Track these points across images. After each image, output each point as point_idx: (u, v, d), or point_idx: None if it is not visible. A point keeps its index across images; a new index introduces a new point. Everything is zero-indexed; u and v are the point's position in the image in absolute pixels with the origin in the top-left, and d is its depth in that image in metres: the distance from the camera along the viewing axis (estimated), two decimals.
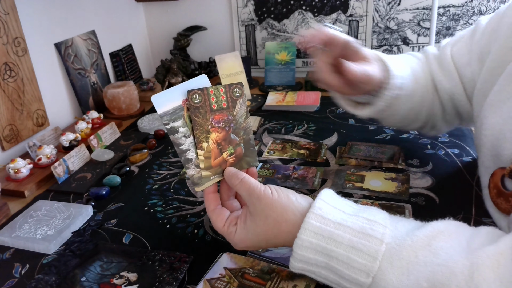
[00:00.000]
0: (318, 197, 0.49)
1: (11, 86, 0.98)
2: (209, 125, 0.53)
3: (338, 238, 0.45)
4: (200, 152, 0.52)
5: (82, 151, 0.95)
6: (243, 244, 0.53)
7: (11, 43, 0.98)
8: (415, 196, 0.74)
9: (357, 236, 0.45)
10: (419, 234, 0.44)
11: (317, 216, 0.47)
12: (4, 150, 0.98)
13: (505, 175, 0.57)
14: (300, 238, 0.47)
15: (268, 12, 1.45)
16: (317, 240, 0.46)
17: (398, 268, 0.42)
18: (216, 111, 0.54)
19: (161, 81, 1.29)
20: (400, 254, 0.43)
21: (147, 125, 1.12)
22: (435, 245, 0.43)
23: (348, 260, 0.44)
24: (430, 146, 0.90)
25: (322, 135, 1.00)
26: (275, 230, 0.50)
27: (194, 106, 0.52)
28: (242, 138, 0.56)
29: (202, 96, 0.53)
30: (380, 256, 0.43)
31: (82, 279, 0.61)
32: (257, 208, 0.50)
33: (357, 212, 0.48)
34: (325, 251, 0.46)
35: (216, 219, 0.54)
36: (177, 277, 0.59)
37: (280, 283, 0.56)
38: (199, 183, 0.52)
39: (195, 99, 0.52)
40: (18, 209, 0.81)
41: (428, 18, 1.32)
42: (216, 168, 0.54)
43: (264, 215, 0.50)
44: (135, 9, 1.54)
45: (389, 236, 0.45)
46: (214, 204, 0.55)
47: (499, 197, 0.59)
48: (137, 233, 0.71)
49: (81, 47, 1.24)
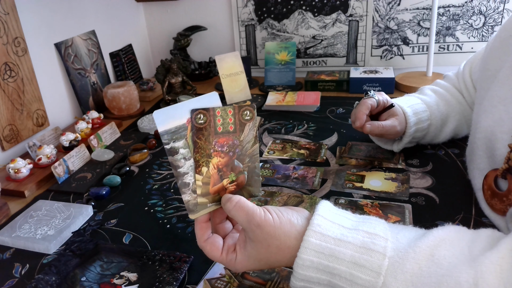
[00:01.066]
0: (315, 213, 0.48)
1: (11, 86, 0.98)
2: (211, 149, 0.49)
3: (339, 255, 0.44)
4: (198, 177, 0.48)
5: (82, 151, 0.95)
6: (245, 268, 0.50)
7: (11, 43, 0.98)
8: (415, 196, 0.74)
9: (359, 252, 0.44)
10: (421, 245, 0.44)
11: (316, 233, 0.46)
12: (4, 150, 0.98)
13: (498, 175, 0.58)
14: (301, 257, 0.45)
15: (268, 12, 1.45)
16: (318, 259, 0.45)
17: (403, 282, 0.42)
18: (221, 134, 0.49)
19: (161, 81, 1.29)
20: (404, 267, 0.42)
21: (147, 125, 1.12)
22: (437, 254, 0.43)
23: (351, 277, 0.44)
24: (430, 146, 0.90)
25: (322, 135, 1.00)
26: (278, 256, 0.48)
27: (197, 127, 0.48)
28: (246, 166, 0.51)
29: (207, 116, 0.48)
30: (384, 271, 0.43)
31: (82, 279, 0.61)
32: (258, 236, 0.47)
33: (357, 226, 0.47)
34: (327, 269, 0.45)
35: (211, 249, 0.50)
36: (177, 277, 0.59)
37: (280, 283, 0.56)
38: (194, 210, 0.49)
39: (199, 120, 0.48)
40: (18, 209, 0.81)
41: (428, 18, 1.32)
42: (214, 196, 0.50)
43: (267, 243, 0.47)
44: (135, 9, 1.54)
45: (391, 249, 0.44)
46: (207, 234, 0.51)
47: (494, 198, 0.60)
48: (137, 233, 0.71)
49: (81, 47, 1.24)
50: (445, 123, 0.85)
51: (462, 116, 0.86)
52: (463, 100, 0.87)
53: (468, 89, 0.86)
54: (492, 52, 0.68)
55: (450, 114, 0.85)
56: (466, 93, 0.87)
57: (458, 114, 0.86)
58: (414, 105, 0.83)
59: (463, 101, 0.87)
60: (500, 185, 0.59)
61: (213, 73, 1.51)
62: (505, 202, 0.57)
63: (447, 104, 0.86)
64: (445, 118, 0.85)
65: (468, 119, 0.86)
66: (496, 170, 0.59)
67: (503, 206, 0.58)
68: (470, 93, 0.86)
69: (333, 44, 1.44)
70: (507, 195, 0.57)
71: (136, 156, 0.94)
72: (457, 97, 0.87)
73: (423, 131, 0.83)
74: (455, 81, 0.91)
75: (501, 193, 0.58)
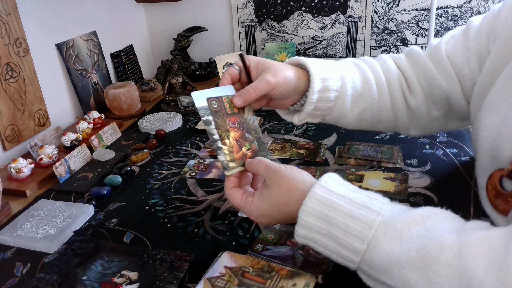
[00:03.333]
0: (325, 174, 0.54)
1: (13, 86, 0.99)
2: (227, 126, 0.62)
3: (339, 207, 0.49)
4: (224, 147, 0.61)
5: (83, 151, 0.96)
6: (258, 212, 0.56)
7: (13, 43, 0.99)
8: (413, 195, 0.75)
9: (356, 207, 0.49)
10: (415, 212, 0.48)
11: (322, 187, 0.52)
12: (6, 150, 0.98)
13: (504, 175, 0.57)
14: (305, 204, 0.51)
15: (268, 13, 1.46)
16: (320, 207, 0.50)
17: (391, 238, 0.46)
18: (231, 115, 0.63)
19: (162, 81, 1.29)
20: (394, 225, 0.46)
21: (148, 125, 1.12)
22: (428, 223, 0.46)
23: (347, 227, 0.48)
24: (428, 146, 0.91)
25: (321, 135, 1.01)
26: (287, 197, 0.54)
27: (214, 110, 0.61)
28: (254, 137, 0.65)
29: (218, 102, 0.62)
30: (376, 225, 0.47)
31: (83, 278, 0.61)
32: (273, 179, 0.56)
33: (360, 190, 0.53)
34: (326, 218, 0.50)
35: (234, 194, 0.58)
36: (177, 275, 0.59)
37: (280, 282, 0.57)
38: (227, 168, 0.60)
39: (213, 105, 0.62)
40: (20, 208, 0.81)
41: (426, 19, 1.32)
42: (239, 161, 0.62)
43: (278, 184, 0.55)
44: (136, 10, 1.55)
45: (386, 210, 0.48)
46: (232, 184, 0.60)
47: (498, 198, 0.58)
48: (138, 232, 0.71)
49: (82, 47, 1.25)
50: (356, 103, 0.71)
51: (379, 106, 0.72)
52: (397, 87, 0.72)
53: (445, 72, 0.70)
54: (496, 42, 0.62)
55: (363, 95, 0.71)
56: (438, 75, 0.70)
57: (372, 98, 0.71)
58: (325, 70, 0.68)
59: (395, 89, 0.72)
60: (505, 186, 0.57)
61: (213, 74, 1.51)
62: (510, 202, 0.56)
63: (365, 83, 0.71)
64: (358, 98, 0.71)
65: (384, 112, 0.73)
66: (502, 170, 0.57)
67: (507, 206, 0.57)
68: (447, 77, 0.70)
69: (332, 44, 1.45)
70: None
71: (137, 156, 0.95)
72: (390, 83, 0.72)
73: (328, 102, 0.69)
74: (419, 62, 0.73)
75: (506, 193, 0.56)
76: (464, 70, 0.69)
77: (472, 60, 0.67)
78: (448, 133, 0.95)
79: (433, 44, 0.73)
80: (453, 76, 0.69)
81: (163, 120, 1.15)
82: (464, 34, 0.69)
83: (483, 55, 0.65)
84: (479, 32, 0.67)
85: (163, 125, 1.11)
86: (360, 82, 0.71)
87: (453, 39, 0.71)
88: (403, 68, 0.73)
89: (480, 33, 0.66)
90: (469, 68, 0.68)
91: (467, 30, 0.69)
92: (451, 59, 0.70)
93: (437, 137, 0.94)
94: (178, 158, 0.96)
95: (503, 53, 0.60)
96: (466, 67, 0.68)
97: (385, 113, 0.73)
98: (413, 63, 0.73)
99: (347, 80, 0.69)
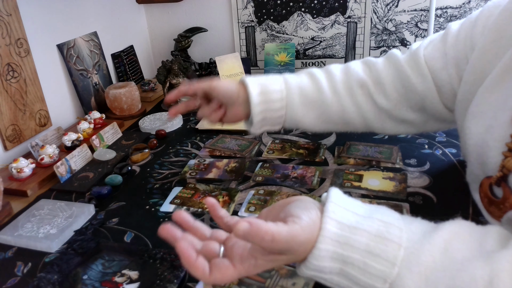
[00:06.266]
0: (329, 200, 0.47)
1: (14, 86, 0.99)
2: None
3: (354, 243, 0.43)
4: None
5: (84, 151, 0.96)
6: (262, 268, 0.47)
7: (14, 44, 0.99)
8: (412, 195, 0.75)
9: (374, 241, 0.43)
10: (436, 237, 0.43)
11: (332, 220, 0.44)
12: (7, 150, 0.99)
13: (492, 183, 0.57)
14: (318, 248, 0.43)
15: (268, 14, 1.46)
16: (334, 247, 0.43)
17: (417, 274, 0.41)
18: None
19: (162, 82, 1.30)
20: (419, 259, 0.41)
21: (149, 125, 1.13)
22: (451, 248, 0.42)
23: (365, 266, 0.42)
24: (427, 145, 0.91)
25: (320, 135, 1.01)
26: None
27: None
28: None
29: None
30: (399, 262, 0.42)
31: (84, 277, 0.62)
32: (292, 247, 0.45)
33: (370, 214, 0.46)
34: (340, 258, 0.43)
35: (222, 273, 0.44)
36: (178, 275, 0.60)
37: (280, 281, 0.57)
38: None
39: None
40: (21, 208, 0.82)
41: (425, 20, 1.33)
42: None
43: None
44: (137, 11, 1.55)
45: (406, 239, 0.43)
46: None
47: (491, 205, 0.59)
48: (138, 232, 0.72)
49: (83, 48, 1.25)
50: (310, 109, 0.75)
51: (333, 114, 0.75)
52: (361, 99, 0.74)
53: (422, 76, 0.70)
54: (474, 52, 0.63)
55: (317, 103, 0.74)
56: (415, 79, 0.70)
57: (325, 104, 0.74)
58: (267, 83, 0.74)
59: (360, 99, 0.74)
60: (496, 193, 0.57)
61: (213, 74, 1.52)
62: (503, 209, 0.57)
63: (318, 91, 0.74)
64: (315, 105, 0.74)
65: (335, 116, 0.76)
66: (490, 178, 0.57)
67: (501, 213, 0.57)
68: (424, 81, 0.70)
69: (332, 45, 1.45)
70: (503, 202, 0.56)
71: (138, 156, 0.95)
72: (352, 91, 0.74)
73: (277, 111, 0.73)
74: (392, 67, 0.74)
75: (498, 200, 0.57)
76: (441, 75, 0.69)
77: (449, 66, 0.67)
78: (447, 133, 0.95)
79: (413, 49, 0.73)
80: (430, 81, 0.69)
81: (164, 120, 1.15)
82: (442, 40, 0.69)
83: (460, 62, 0.66)
84: (456, 39, 0.67)
85: (164, 125, 1.12)
86: (311, 90, 0.74)
87: (432, 44, 0.71)
88: (378, 71, 0.74)
89: (458, 40, 0.66)
90: (446, 73, 0.68)
91: (445, 36, 0.69)
92: (429, 64, 0.70)
93: (436, 137, 0.95)
94: (178, 158, 0.97)
95: (482, 63, 0.60)
96: (443, 72, 0.68)
97: (349, 115, 0.75)
98: (390, 67, 0.74)
99: (293, 90, 0.74)
